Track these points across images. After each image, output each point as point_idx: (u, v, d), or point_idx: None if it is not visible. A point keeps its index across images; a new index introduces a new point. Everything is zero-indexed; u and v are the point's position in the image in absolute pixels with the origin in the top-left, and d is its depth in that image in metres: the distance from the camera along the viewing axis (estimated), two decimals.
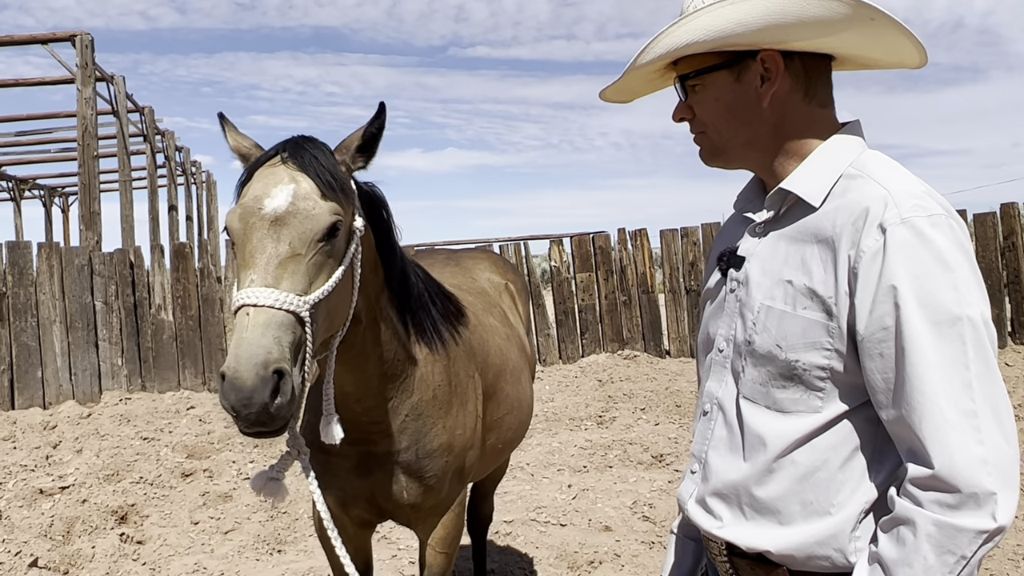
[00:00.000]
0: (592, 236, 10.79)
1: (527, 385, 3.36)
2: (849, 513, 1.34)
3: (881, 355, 1.27)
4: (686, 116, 1.52)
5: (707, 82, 1.46)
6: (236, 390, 1.66)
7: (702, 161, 1.55)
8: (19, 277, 9.25)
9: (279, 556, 4.88)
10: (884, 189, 1.32)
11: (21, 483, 6.19)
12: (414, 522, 2.64)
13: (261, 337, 1.71)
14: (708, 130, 1.50)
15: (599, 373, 9.71)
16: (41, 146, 20.69)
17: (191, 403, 8.99)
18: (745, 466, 1.42)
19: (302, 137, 2.04)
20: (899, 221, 1.27)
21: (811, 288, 1.35)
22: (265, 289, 1.77)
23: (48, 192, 27.59)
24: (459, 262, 3.74)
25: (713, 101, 1.46)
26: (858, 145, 1.44)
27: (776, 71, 1.42)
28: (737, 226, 1.60)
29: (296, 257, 1.84)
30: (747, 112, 1.44)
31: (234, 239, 1.92)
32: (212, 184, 26.85)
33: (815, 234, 1.37)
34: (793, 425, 1.37)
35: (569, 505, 5.49)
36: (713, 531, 1.47)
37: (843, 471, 1.35)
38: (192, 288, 9.67)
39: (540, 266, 16.51)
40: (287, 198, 1.89)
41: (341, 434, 2.09)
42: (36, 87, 14.27)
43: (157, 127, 19.03)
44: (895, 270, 1.25)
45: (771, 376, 1.39)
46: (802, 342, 1.35)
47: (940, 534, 1.19)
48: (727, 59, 1.43)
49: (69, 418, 8.49)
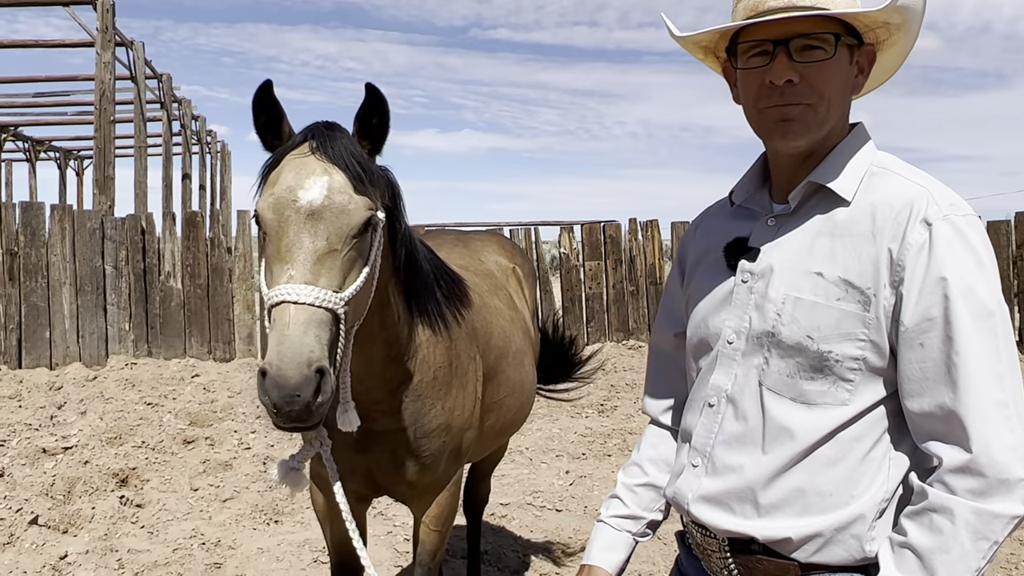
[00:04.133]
0: (603, 225, 10.78)
1: (530, 368, 3.37)
2: (868, 504, 1.36)
3: (923, 345, 1.30)
4: (794, 79, 1.39)
5: (842, 53, 1.42)
6: (279, 388, 1.67)
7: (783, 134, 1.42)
8: (31, 238, 9.30)
9: (276, 526, 4.92)
10: (922, 187, 1.37)
11: (25, 441, 6.25)
12: (410, 499, 2.66)
13: (304, 335, 1.72)
14: (820, 102, 1.41)
15: (603, 362, 9.72)
16: (58, 108, 20.74)
17: (196, 371, 9.04)
18: (764, 459, 1.42)
19: (327, 124, 2.02)
20: (942, 217, 1.32)
21: (846, 279, 1.36)
22: (306, 286, 1.77)
23: (63, 154, 27.68)
24: (467, 244, 3.75)
25: (840, 73, 1.42)
26: (872, 144, 1.49)
27: (869, 66, 1.47)
28: (728, 219, 1.59)
29: (333, 253, 1.85)
30: (848, 96, 1.47)
31: (266, 230, 1.90)
32: (227, 154, 26.90)
33: (848, 227, 1.39)
34: (819, 418, 1.38)
35: (566, 491, 5.51)
36: (725, 526, 1.45)
37: (864, 463, 1.37)
38: (202, 257, 9.71)
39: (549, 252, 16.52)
40: (322, 191, 1.88)
41: (358, 421, 2.09)
42: (56, 49, 14.29)
43: (174, 95, 19.05)
44: (942, 263, 1.29)
45: (800, 368, 1.40)
46: (836, 333, 1.36)
47: (978, 520, 1.23)
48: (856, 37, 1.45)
49: (75, 380, 8.56)
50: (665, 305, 1.78)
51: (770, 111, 1.43)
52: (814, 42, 1.38)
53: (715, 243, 1.58)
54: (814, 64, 1.38)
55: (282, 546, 4.55)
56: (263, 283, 1.90)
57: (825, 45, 1.38)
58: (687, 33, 1.52)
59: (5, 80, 17.70)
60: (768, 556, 1.42)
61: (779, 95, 1.41)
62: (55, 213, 9.44)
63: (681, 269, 1.71)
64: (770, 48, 1.40)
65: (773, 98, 1.42)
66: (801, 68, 1.39)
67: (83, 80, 16.78)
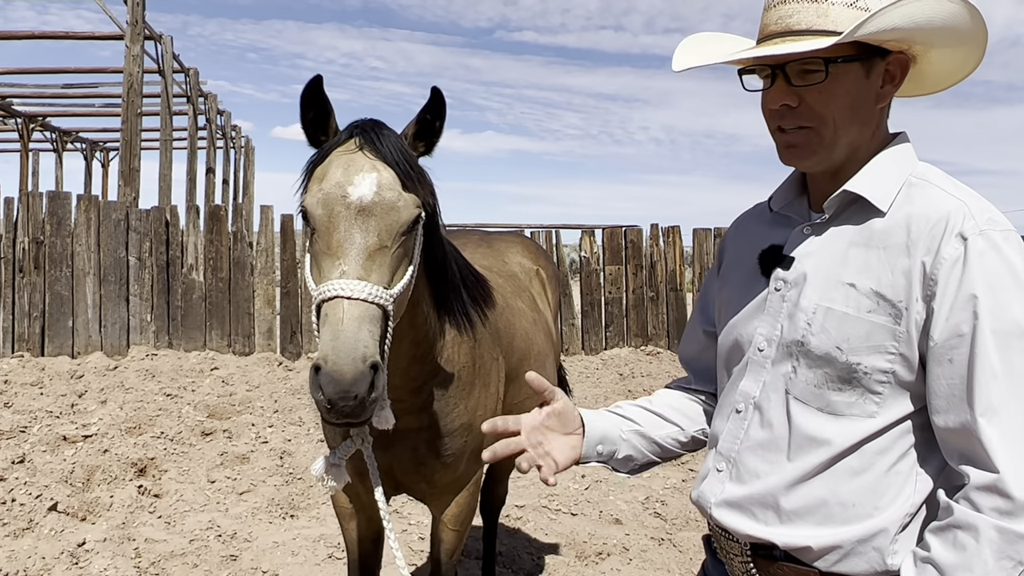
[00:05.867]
0: (624, 229, 10.74)
1: (551, 371, 3.36)
2: (892, 516, 1.35)
3: (951, 361, 1.28)
4: (791, 103, 1.41)
5: (841, 72, 1.37)
6: (335, 383, 1.68)
7: (791, 159, 1.45)
8: (57, 227, 9.39)
9: (291, 521, 4.94)
10: (960, 200, 1.34)
11: (46, 429, 6.31)
12: (429, 498, 2.66)
13: (358, 331, 1.73)
14: (822, 125, 1.40)
15: (621, 367, 9.69)
16: (86, 100, 20.96)
17: (215, 364, 9.10)
18: (789, 467, 1.41)
19: (373, 121, 2.02)
20: (978, 232, 1.29)
21: (878, 292, 1.34)
22: (359, 282, 1.78)
23: (90, 146, 27.97)
24: (491, 244, 3.74)
25: (843, 94, 1.39)
26: (914, 155, 1.46)
27: (903, 74, 1.42)
28: (765, 225, 1.58)
29: (383, 249, 1.86)
30: (866, 110, 1.42)
31: (315, 225, 1.90)
32: (251, 149, 27.08)
33: (882, 239, 1.37)
34: (846, 428, 1.37)
35: (581, 495, 5.49)
36: (747, 531, 1.45)
37: (888, 475, 1.36)
38: (224, 251, 9.77)
39: (570, 256, 16.49)
40: (372, 188, 1.88)
41: (394, 420, 2.09)
42: (85, 41, 14.45)
43: (201, 89, 19.19)
44: (975, 279, 1.27)
45: (828, 378, 1.38)
46: (865, 345, 1.35)
47: (1002, 540, 1.21)
48: (860, 52, 1.38)
49: (96, 369, 8.64)
50: (700, 299, 1.79)
51: (778, 135, 1.45)
52: (810, 66, 1.37)
53: (752, 249, 1.56)
54: (813, 87, 1.37)
55: (297, 540, 4.57)
56: (310, 279, 1.90)
57: (820, 68, 1.36)
58: (684, 67, 1.52)
59: (34, 71, 17.93)
60: (789, 563, 1.41)
61: (780, 117, 1.42)
62: (81, 203, 9.54)
63: (719, 268, 1.71)
64: (770, 72, 1.41)
65: (776, 120, 1.43)
66: (801, 91, 1.38)
67: (111, 72, 16.96)
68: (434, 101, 2.02)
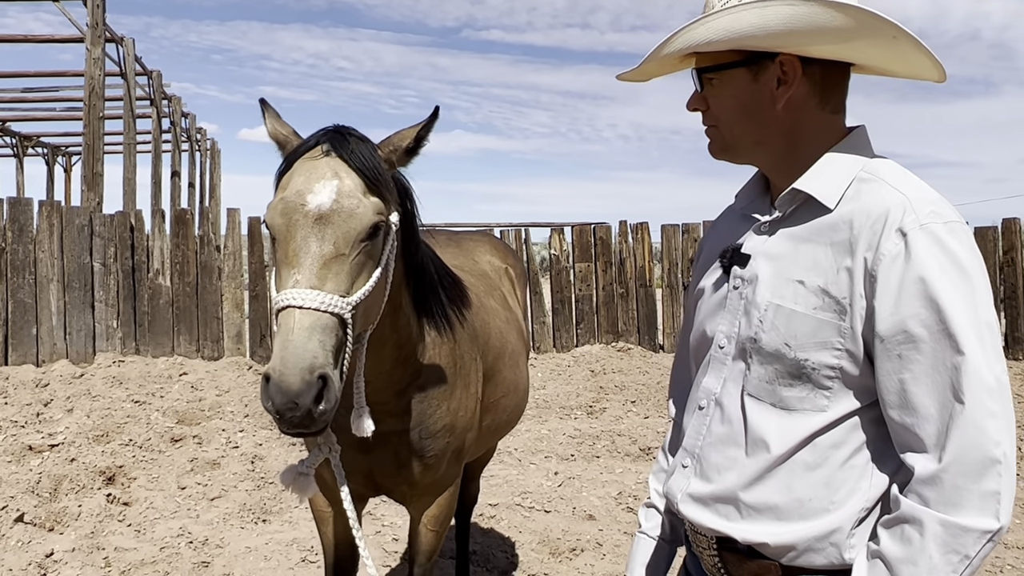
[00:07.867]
0: (593, 227, 10.79)
1: (524, 369, 3.37)
2: (848, 512, 1.36)
3: (900, 356, 1.28)
4: (700, 107, 1.52)
5: (724, 78, 1.45)
6: (282, 393, 1.67)
7: (710, 154, 1.56)
8: (19, 234, 9.23)
9: (264, 525, 4.90)
10: (902, 194, 1.34)
11: (11, 439, 6.21)
12: (409, 499, 2.66)
13: (307, 341, 1.71)
14: (720, 125, 1.50)
15: (592, 364, 9.74)
16: (47, 104, 20.62)
17: (184, 369, 9.00)
18: (747, 462, 1.43)
19: (341, 128, 2.02)
20: (919, 226, 1.29)
21: (824, 289, 1.35)
22: (311, 291, 1.76)
23: (51, 150, 27.50)
24: (460, 244, 3.74)
25: (729, 97, 1.46)
26: (868, 150, 1.46)
27: (794, 75, 1.42)
28: (734, 224, 1.60)
29: (340, 257, 1.83)
30: (761, 112, 1.45)
31: (275, 235, 1.89)
32: (216, 152, 26.77)
33: (829, 235, 1.38)
34: (798, 423, 1.38)
35: (554, 492, 5.51)
36: (709, 525, 1.47)
37: (843, 470, 1.37)
38: (191, 255, 9.66)
39: (540, 254, 16.51)
40: (331, 195, 1.87)
41: (372, 427, 2.08)
42: (45, 44, 14.19)
43: (164, 92, 18.95)
44: (916, 275, 1.26)
45: (778, 374, 1.40)
46: (812, 341, 1.36)
47: (946, 533, 1.21)
48: (746, 57, 1.42)
49: (62, 377, 8.50)
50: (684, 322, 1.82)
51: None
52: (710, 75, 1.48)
53: (719, 247, 1.59)
54: (712, 90, 1.49)
55: (270, 545, 4.54)
56: (272, 288, 1.89)
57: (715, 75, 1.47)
58: (626, 70, 1.61)
59: None
60: (752, 557, 1.43)
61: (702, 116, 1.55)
62: (43, 209, 9.37)
63: (697, 267, 1.74)
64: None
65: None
66: (707, 94, 1.50)
67: (72, 76, 16.68)
68: (433, 119, 2.08)
